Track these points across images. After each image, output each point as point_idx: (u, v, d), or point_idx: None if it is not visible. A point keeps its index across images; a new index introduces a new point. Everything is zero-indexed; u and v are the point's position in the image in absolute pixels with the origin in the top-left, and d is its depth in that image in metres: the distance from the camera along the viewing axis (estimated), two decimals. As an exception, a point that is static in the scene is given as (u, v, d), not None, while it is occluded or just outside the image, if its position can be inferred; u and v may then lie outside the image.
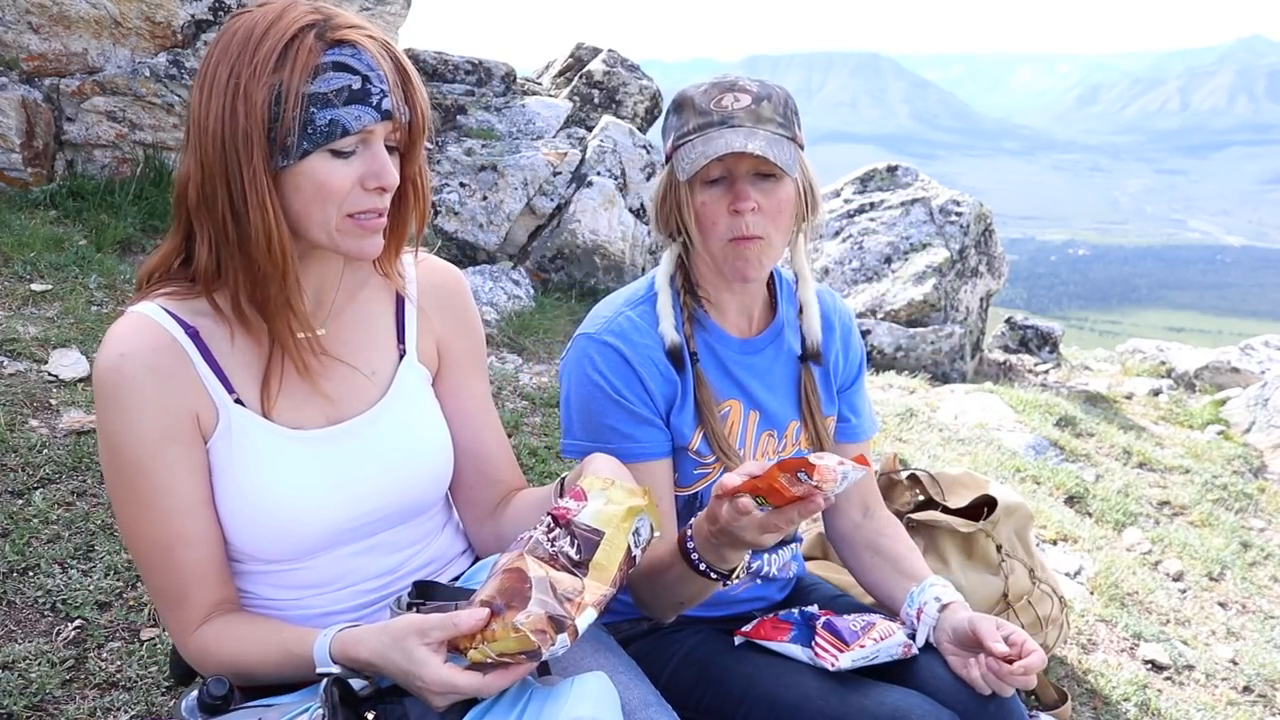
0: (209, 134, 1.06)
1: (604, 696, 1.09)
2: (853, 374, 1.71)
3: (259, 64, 1.04)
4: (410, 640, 1.01)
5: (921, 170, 7.42)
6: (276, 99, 1.04)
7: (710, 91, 1.45)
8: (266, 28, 1.05)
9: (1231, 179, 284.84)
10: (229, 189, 1.07)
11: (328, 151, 1.07)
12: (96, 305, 3.60)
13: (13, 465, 2.49)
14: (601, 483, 1.11)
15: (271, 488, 1.16)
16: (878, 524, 1.71)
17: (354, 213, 1.11)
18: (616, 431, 1.46)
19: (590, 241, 5.61)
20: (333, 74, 1.05)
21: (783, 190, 1.43)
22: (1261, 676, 2.78)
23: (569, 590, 1.03)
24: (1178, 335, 26.20)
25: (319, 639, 1.08)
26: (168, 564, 1.15)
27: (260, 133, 1.05)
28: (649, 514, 1.11)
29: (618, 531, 1.07)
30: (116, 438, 1.11)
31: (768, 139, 1.40)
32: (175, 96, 4.67)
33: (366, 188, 1.10)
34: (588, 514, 1.08)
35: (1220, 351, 6.91)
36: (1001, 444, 4.33)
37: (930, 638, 1.48)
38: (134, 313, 1.14)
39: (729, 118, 1.41)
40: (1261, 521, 4.21)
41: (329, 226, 1.10)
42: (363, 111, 1.06)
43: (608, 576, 1.06)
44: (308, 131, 1.05)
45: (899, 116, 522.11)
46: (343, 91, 1.05)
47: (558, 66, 7.32)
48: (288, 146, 1.05)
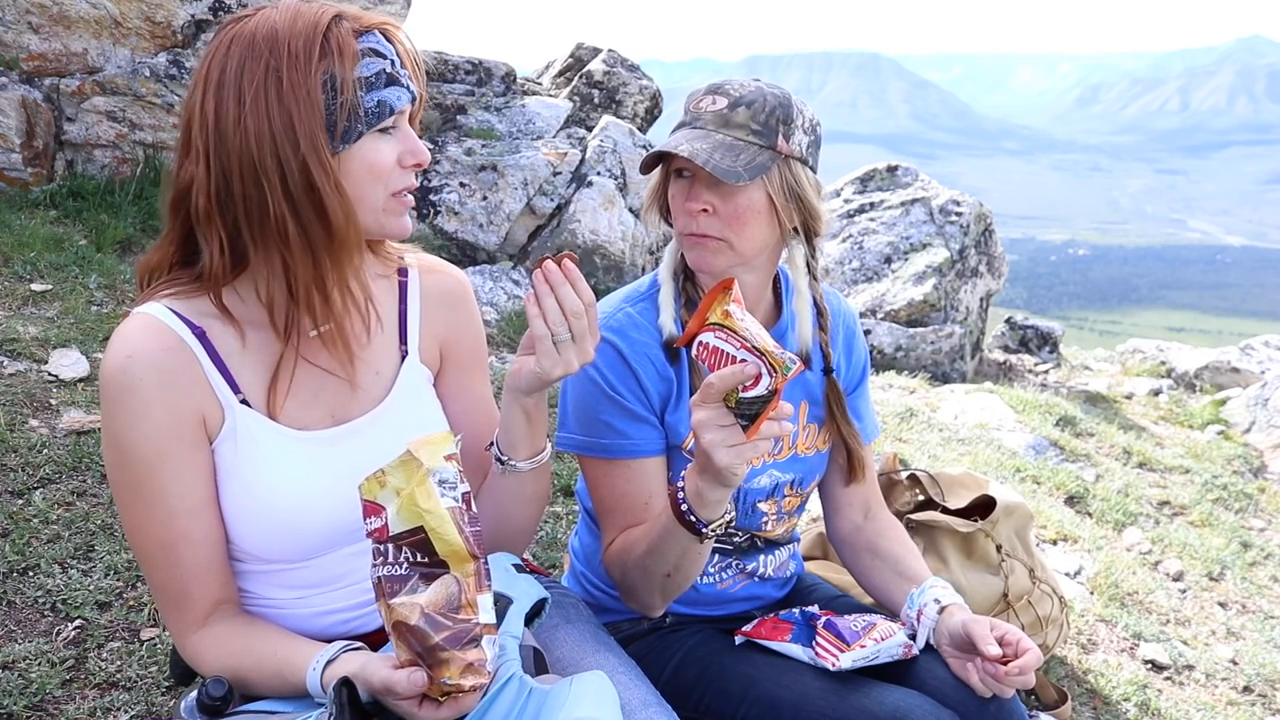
0: (232, 137, 1.06)
1: (603, 696, 1.09)
2: (856, 378, 1.70)
3: (300, 57, 1.06)
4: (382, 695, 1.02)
5: (921, 170, 7.42)
6: (329, 87, 1.07)
7: (699, 93, 1.46)
8: (291, 24, 1.07)
9: (1231, 179, 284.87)
10: (284, 183, 1.07)
11: (377, 132, 1.11)
12: (96, 305, 3.60)
13: (13, 465, 2.49)
14: (376, 482, 1.01)
15: (276, 489, 1.17)
16: (879, 526, 1.71)
17: (396, 191, 1.15)
18: (611, 428, 1.46)
19: (590, 241, 5.62)
20: (371, 59, 1.10)
21: (741, 196, 1.40)
22: (1261, 676, 2.78)
23: (450, 601, 0.98)
24: (1178, 335, 26.20)
25: (310, 675, 1.09)
26: (170, 563, 1.15)
27: (319, 121, 1.07)
28: (430, 458, 1.00)
29: (426, 513, 0.98)
30: (122, 437, 1.12)
31: (719, 143, 1.38)
32: (175, 96, 4.67)
33: (404, 165, 1.15)
34: (393, 520, 1.00)
35: (1220, 351, 6.92)
36: (1001, 444, 4.33)
37: (930, 639, 1.49)
38: (141, 313, 1.15)
39: (696, 119, 1.43)
40: (1261, 521, 4.21)
41: (377, 207, 1.14)
42: (401, 93, 1.12)
43: (463, 553, 0.99)
44: (363, 114, 1.09)
45: (899, 116, 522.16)
46: (380, 75, 1.10)
47: (558, 66, 7.32)
48: (346, 130, 1.09)
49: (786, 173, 1.42)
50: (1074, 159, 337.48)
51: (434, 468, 0.99)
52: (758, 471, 1.57)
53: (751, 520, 1.59)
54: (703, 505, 1.23)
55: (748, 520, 1.59)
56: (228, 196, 1.09)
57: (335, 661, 1.09)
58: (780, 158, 1.41)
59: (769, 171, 1.40)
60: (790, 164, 1.42)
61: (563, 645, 1.36)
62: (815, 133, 1.47)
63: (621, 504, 1.48)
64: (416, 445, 1.01)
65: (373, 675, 1.01)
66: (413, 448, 1.01)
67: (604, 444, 1.47)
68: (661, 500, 1.49)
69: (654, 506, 1.47)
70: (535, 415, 1.24)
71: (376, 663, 1.04)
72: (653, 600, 1.42)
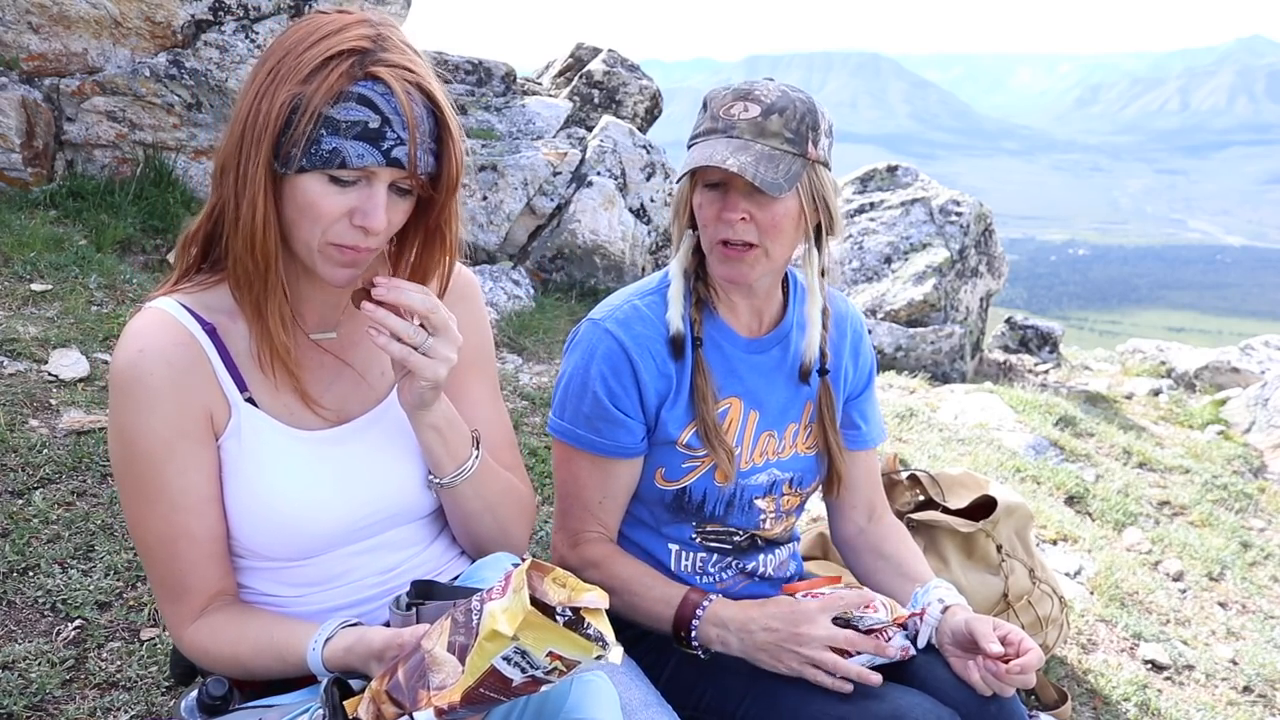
0: (238, 118, 1.09)
1: (604, 697, 1.10)
2: (862, 382, 1.70)
3: (295, 70, 1.06)
4: (373, 664, 1.05)
5: (921, 170, 7.42)
6: (294, 108, 1.05)
7: (726, 97, 1.45)
8: (321, 37, 1.06)
9: (1231, 179, 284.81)
10: (236, 176, 1.08)
11: (326, 175, 1.07)
12: (96, 305, 3.60)
13: (13, 465, 2.49)
14: (519, 579, 0.92)
15: (280, 488, 1.17)
16: (883, 529, 1.71)
17: (336, 242, 1.10)
18: (591, 424, 1.50)
19: (590, 241, 5.61)
20: (354, 106, 1.04)
21: (779, 205, 1.42)
22: (1261, 676, 2.78)
23: (437, 681, 0.95)
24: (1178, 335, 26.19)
25: (310, 653, 1.10)
26: (170, 557, 1.16)
27: (271, 133, 1.06)
28: (535, 641, 0.89)
29: (481, 647, 0.91)
30: (130, 430, 1.12)
31: (760, 154, 1.38)
32: (175, 97, 4.67)
33: (353, 223, 1.09)
34: (485, 610, 0.94)
35: (1220, 351, 6.91)
36: (1001, 444, 4.33)
37: (932, 639, 1.49)
38: (153, 308, 1.16)
39: (730, 127, 1.41)
40: (1261, 521, 4.21)
41: (311, 245, 1.11)
42: (368, 151, 1.05)
43: (463, 686, 0.93)
44: (309, 150, 1.05)
45: (899, 116, 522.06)
46: (356, 125, 1.05)
47: (558, 66, 7.32)
48: (289, 156, 1.06)
49: (814, 177, 1.44)
50: (1074, 159, 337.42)
51: (524, 647, 0.89)
52: (758, 468, 1.57)
53: (749, 518, 1.59)
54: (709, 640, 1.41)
55: (745, 518, 1.59)
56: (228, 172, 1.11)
57: (334, 638, 1.10)
58: (810, 164, 1.42)
59: (801, 178, 1.42)
60: (816, 168, 1.44)
61: (562, 644, 1.36)
62: (832, 134, 1.49)
63: (577, 495, 1.55)
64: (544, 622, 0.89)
65: (373, 638, 1.05)
66: (535, 619, 0.88)
67: (579, 434, 1.51)
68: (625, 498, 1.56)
69: (605, 508, 1.54)
70: (447, 430, 1.21)
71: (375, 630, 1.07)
72: None
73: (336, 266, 1.12)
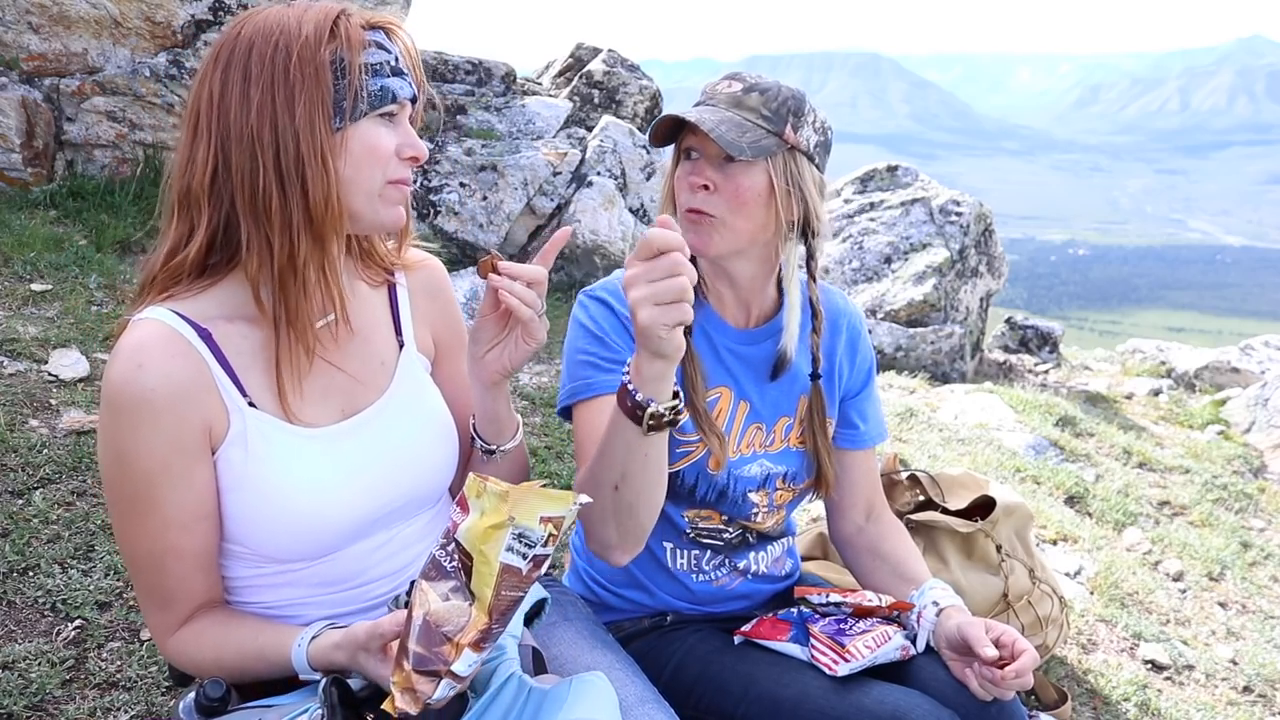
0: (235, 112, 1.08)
1: (603, 697, 1.10)
2: (861, 380, 1.69)
3: (311, 38, 1.09)
4: (360, 655, 1.05)
5: (921, 170, 7.42)
6: (337, 68, 1.10)
7: (716, 78, 1.49)
8: (302, 13, 1.11)
9: (1231, 179, 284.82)
10: (277, 157, 1.08)
11: (378, 116, 1.14)
12: (96, 305, 3.60)
13: (13, 465, 2.49)
14: (477, 485, 1.00)
15: (291, 488, 1.16)
16: (882, 528, 1.71)
17: (394, 179, 1.17)
18: (591, 365, 1.46)
19: (590, 241, 5.62)
20: (375, 50, 1.13)
21: (744, 178, 1.41)
22: (1261, 676, 2.78)
23: (454, 627, 0.96)
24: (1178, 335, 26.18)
25: (295, 651, 1.10)
26: (157, 570, 1.14)
27: (323, 96, 1.09)
28: (524, 513, 0.96)
29: (480, 556, 0.96)
30: (125, 448, 1.09)
31: (728, 119, 1.40)
32: (175, 96, 4.67)
33: (402, 156, 1.17)
34: (463, 530, 0.99)
35: (1220, 351, 6.91)
36: (1001, 444, 4.33)
37: (930, 641, 1.49)
38: (146, 319, 1.12)
39: (710, 98, 1.45)
40: (1261, 521, 4.21)
41: (374, 191, 1.15)
42: (403, 84, 1.15)
43: (485, 605, 0.96)
44: (364, 96, 1.12)
45: (899, 117, 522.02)
46: (384, 65, 1.14)
47: (558, 66, 7.32)
48: (344, 109, 1.11)
49: (791, 163, 1.43)
50: (1074, 159, 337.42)
51: (521, 524, 0.96)
52: (748, 459, 1.57)
53: (741, 509, 1.59)
54: (641, 381, 1.20)
55: (737, 509, 1.59)
56: (225, 174, 1.09)
57: (320, 636, 1.10)
58: (786, 147, 1.42)
59: (773, 156, 1.41)
60: (795, 156, 1.43)
61: (560, 643, 1.36)
62: (825, 135, 1.48)
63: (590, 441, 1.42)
64: (523, 491, 0.98)
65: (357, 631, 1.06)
66: (516, 493, 0.98)
67: (587, 382, 1.46)
68: None
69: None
70: (506, 399, 1.31)
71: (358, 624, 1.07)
72: (607, 531, 1.32)
73: (396, 205, 1.19)
